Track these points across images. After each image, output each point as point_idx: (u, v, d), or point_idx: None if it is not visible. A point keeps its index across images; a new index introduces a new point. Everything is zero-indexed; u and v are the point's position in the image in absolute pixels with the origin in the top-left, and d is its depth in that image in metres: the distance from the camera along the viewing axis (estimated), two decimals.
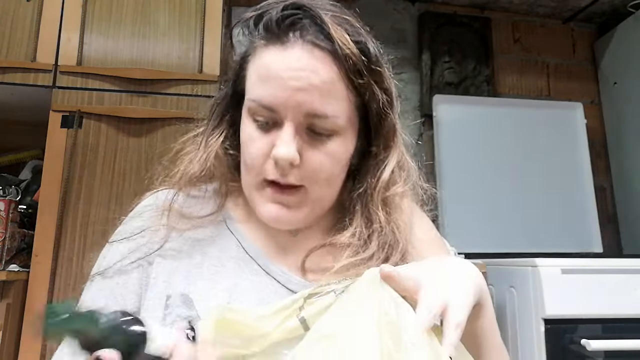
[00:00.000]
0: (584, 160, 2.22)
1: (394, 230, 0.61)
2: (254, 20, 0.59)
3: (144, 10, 1.55)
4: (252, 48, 0.59)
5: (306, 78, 0.54)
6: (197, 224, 0.63)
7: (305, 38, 0.55)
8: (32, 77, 1.45)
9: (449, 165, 2.11)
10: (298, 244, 0.64)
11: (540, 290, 1.41)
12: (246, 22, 0.60)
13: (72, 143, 1.42)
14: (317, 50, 0.55)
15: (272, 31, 0.56)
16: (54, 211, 1.37)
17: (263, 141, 0.57)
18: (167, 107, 1.49)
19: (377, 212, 0.61)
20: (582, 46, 2.44)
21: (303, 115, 0.55)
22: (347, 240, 0.60)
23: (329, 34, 0.55)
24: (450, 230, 1.93)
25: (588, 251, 2.11)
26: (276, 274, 0.60)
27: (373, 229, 0.60)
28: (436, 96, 2.19)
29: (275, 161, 0.55)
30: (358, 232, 0.61)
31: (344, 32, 0.56)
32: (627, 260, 1.56)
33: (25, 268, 1.35)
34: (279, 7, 0.56)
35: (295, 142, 0.55)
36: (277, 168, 0.56)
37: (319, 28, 0.55)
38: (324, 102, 0.55)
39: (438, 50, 2.28)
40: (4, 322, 1.25)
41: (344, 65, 0.55)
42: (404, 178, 0.63)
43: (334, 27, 0.55)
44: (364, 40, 0.58)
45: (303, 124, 0.56)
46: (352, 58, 0.56)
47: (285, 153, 0.54)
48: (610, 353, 1.38)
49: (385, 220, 0.61)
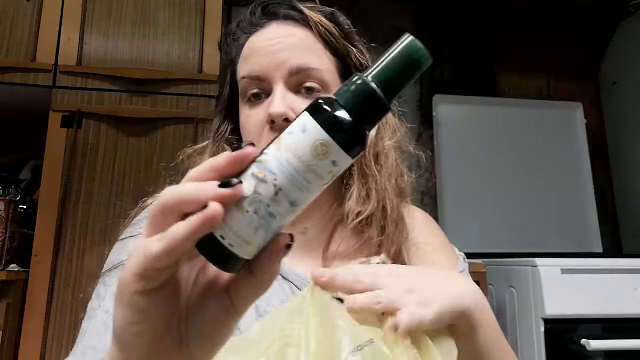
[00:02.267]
0: (584, 160, 2.22)
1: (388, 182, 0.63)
2: (237, 24, 0.66)
3: (144, 10, 1.55)
4: (239, 46, 0.64)
5: (284, 41, 0.60)
6: None
7: (279, 16, 0.63)
8: (32, 77, 1.45)
9: (449, 165, 2.11)
10: (307, 242, 0.63)
11: (540, 290, 1.41)
12: (230, 29, 0.67)
13: (72, 143, 1.42)
14: (290, 21, 0.62)
15: (252, 23, 0.64)
16: (54, 211, 1.37)
17: (258, 111, 0.60)
18: (167, 107, 1.49)
19: (370, 166, 0.63)
20: (582, 46, 2.44)
21: (288, 72, 0.59)
22: (349, 208, 0.61)
23: (300, 9, 0.62)
24: (450, 230, 1.93)
25: (588, 251, 2.11)
26: (293, 279, 0.60)
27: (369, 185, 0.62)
28: (436, 96, 2.19)
29: (271, 121, 0.57)
30: (356, 195, 0.62)
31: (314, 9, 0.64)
32: (627, 260, 1.56)
33: (25, 268, 1.35)
34: (256, 4, 0.65)
35: (287, 99, 0.58)
36: (274, 130, 0.58)
37: (290, 7, 0.63)
38: (304, 56, 0.60)
39: (438, 50, 2.28)
40: (4, 322, 1.25)
41: (317, 29, 0.62)
42: (390, 134, 0.67)
43: (304, 5, 0.63)
44: (333, 13, 0.65)
45: (292, 85, 0.59)
46: (324, 23, 0.62)
47: (278, 108, 0.57)
48: (610, 353, 1.38)
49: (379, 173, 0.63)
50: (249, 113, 0.61)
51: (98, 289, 0.60)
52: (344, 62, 0.64)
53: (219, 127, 0.68)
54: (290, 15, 0.62)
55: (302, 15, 0.62)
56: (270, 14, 0.63)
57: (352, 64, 0.65)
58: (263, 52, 0.60)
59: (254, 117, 0.60)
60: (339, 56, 0.64)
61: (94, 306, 0.58)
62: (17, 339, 1.29)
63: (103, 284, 0.60)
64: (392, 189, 0.63)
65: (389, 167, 0.64)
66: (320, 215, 0.65)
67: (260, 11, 0.64)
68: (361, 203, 0.62)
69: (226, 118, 0.69)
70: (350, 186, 0.63)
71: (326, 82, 0.61)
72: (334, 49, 0.63)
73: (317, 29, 0.62)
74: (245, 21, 0.65)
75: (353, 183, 0.63)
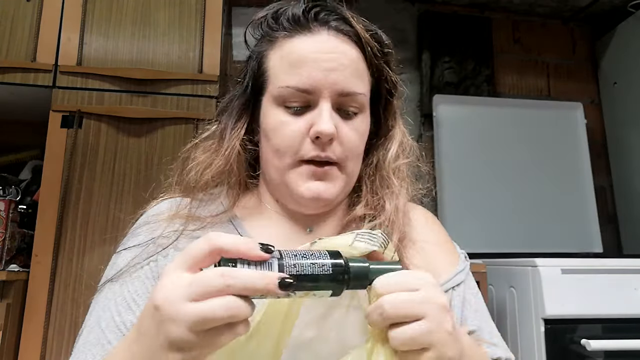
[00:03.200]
0: (584, 160, 2.22)
1: (399, 191, 0.65)
2: (271, 16, 0.64)
3: (144, 10, 1.55)
4: (270, 42, 0.63)
5: (337, 59, 0.60)
6: (206, 224, 0.63)
7: (329, 25, 0.61)
8: (32, 77, 1.45)
9: (449, 165, 2.11)
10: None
11: (540, 290, 1.41)
12: (260, 21, 0.64)
13: (72, 143, 1.42)
14: (341, 35, 0.61)
15: (297, 22, 0.61)
16: (54, 211, 1.37)
17: (298, 123, 0.60)
18: (167, 107, 1.49)
19: (390, 178, 0.65)
20: (582, 46, 2.45)
21: (337, 93, 0.59)
22: (361, 212, 0.64)
23: (349, 22, 0.62)
24: (450, 230, 1.92)
25: (588, 251, 2.11)
26: None
27: (384, 194, 0.64)
28: (436, 96, 2.19)
29: (318, 137, 0.58)
30: (370, 201, 0.64)
31: (360, 22, 0.63)
32: (627, 260, 1.56)
33: (25, 268, 1.35)
34: (299, 3, 0.63)
35: (333, 119, 0.59)
36: (316, 145, 0.59)
37: (340, 17, 0.62)
38: (353, 81, 0.60)
39: (438, 50, 2.28)
40: (4, 322, 1.25)
41: (364, 48, 0.62)
42: (407, 154, 0.69)
43: (352, 17, 0.62)
44: (375, 29, 0.65)
45: (336, 104, 0.60)
46: (370, 42, 0.62)
47: (328, 128, 0.57)
48: (610, 353, 1.38)
49: (399, 185, 0.65)
50: (285, 119, 0.60)
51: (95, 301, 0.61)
52: (378, 82, 0.66)
53: (235, 124, 0.66)
54: (341, 28, 0.61)
55: (354, 31, 0.62)
56: (321, 21, 0.61)
57: (384, 85, 0.67)
58: (315, 66, 0.59)
59: (294, 125, 0.60)
60: (375, 77, 0.65)
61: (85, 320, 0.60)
62: (17, 339, 1.29)
63: (96, 297, 0.61)
64: (403, 198, 0.65)
65: (402, 181, 0.67)
66: (326, 216, 0.66)
67: (313, 15, 0.61)
68: (375, 210, 0.64)
69: (243, 114, 0.66)
70: (363, 192, 0.66)
71: (364, 106, 0.63)
72: (374, 71, 0.64)
73: (365, 47, 0.62)
74: (286, 16, 0.62)
75: (366, 190, 0.66)
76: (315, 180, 0.60)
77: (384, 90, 0.67)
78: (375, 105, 0.67)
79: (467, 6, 2.32)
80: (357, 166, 0.64)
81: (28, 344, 1.29)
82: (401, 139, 0.68)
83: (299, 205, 0.63)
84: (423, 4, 2.31)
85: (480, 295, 0.67)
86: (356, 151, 0.62)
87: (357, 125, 0.62)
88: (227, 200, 0.66)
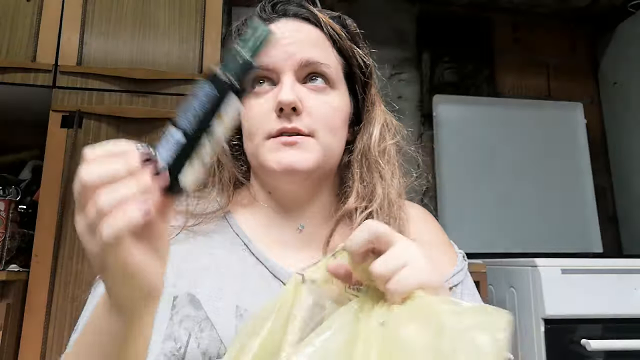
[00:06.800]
0: (584, 160, 2.22)
1: (391, 179, 0.65)
2: (243, 22, 0.67)
3: (144, 10, 1.55)
4: None
5: (295, 36, 0.62)
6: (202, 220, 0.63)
7: (288, 14, 0.65)
8: (32, 77, 1.44)
9: (449, 165, 2.11)
10: (304, 240, 0.64)
11: (540, 290, 1.41)
12: (236, 26, 0.68)
13: (72, 143, 1.42)
14: (299, 19, 0.64)
15: (262, 18, 0.65)
16: (54, 211, 1.37)
17: (265, 99, 0.61)
18: (167, 107, 1.49)
19: (378, 162, 0.65)
20: (582, 46, 2.44)
21: (297, 64, 0.61)
22: (353, 204, 0.62)
23: (309, 8, 0.65)
24: (450, 230, 1.92)
25: (588, 251, 2.11)
26: (283, 277, 0.60)
27: (374, 180, 0.64)
28: (436, 96, 2.19)
29: (281, 109, 0.59)
30: (361, 191, 0.63)
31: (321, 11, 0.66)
32: (627, 260, 1.56)
33: (25, 268, 1.34)
34: (265, 1, 0.66)
35: (295, 89, 0.60)
36: (282, 117, 0.59)
37: (299, 5, 0.65)
38: (312, 50, 0.62)
39: (438, 50, 2.28)
40: (4, 322, 1.25)
41: (324, 28, 0.64)
42: (392, 134, 0.69)
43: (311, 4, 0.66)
44: (340, 16, 0.68)
45: (299, 77, 0.61)
46: (330, 23, 0.65)
47: (287, 96, 0.58)
48: (610, 353, 1.38)
49: (389, 170, 0.65)
50: (255, 102, 0.61)
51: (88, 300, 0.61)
52: (349, 62, 0.66)
53: None
54: (299, 13, 0.64)
55: (311, 14, 0.64)
56: (279, 11, 0.65)
57: (356, 65, 0.66)
58: (275, 46, 0.60)
59: (259, 106, 0.61)
60: (344, 56, 0.66)
61: None
62: (17, 339, 1.29)
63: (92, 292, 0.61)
64: (396, 186, 0.65)
65: (391, 166, 0.66)
66: (316, 210, 0.65)
67: (270, 8, 0.65)
68: (367, 200, 0.63)
69: None
70: (352, 183, 0.64)
71: (332, 78, 0.63)
72: (340, 49, 0.65)
73: (326, 28, 0.64)
74: (256, 15, 0.66)
75: (355, 180, 0.64)
76: (287, 149, 0.59)
77: (357, 71, 0.67)
78: (353, 88, 0.67)
79: (467, 6, 2.32)
80: (334, 141, 0.62)
81: (28, 344, 1.29)
82: (384, 120, 0.68)
83: (276, 180, 0.62)
84: (423, 4, 2.31)
85: (478, 295, 0.67)
86: (330, 124, 0.61)
87: (330, 100, 0.62)
88: (221, 197, 0.66)
